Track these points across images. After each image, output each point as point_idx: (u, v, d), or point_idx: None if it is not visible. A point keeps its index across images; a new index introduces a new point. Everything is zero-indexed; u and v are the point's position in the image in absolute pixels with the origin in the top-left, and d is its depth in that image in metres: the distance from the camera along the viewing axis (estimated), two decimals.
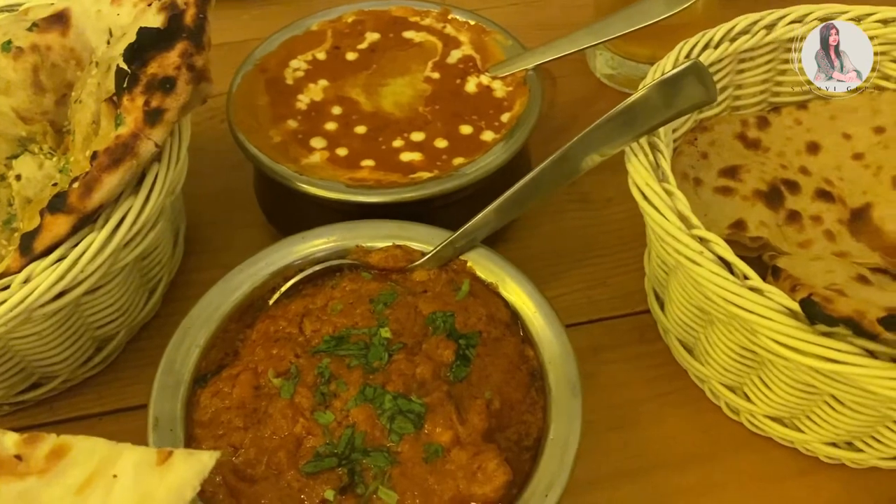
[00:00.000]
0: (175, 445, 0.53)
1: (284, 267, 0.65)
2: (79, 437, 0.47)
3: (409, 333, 0.58)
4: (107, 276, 0.63)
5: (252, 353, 0.59)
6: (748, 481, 0.66)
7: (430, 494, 0.52)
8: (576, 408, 0.55)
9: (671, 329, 0.70)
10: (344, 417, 0.54)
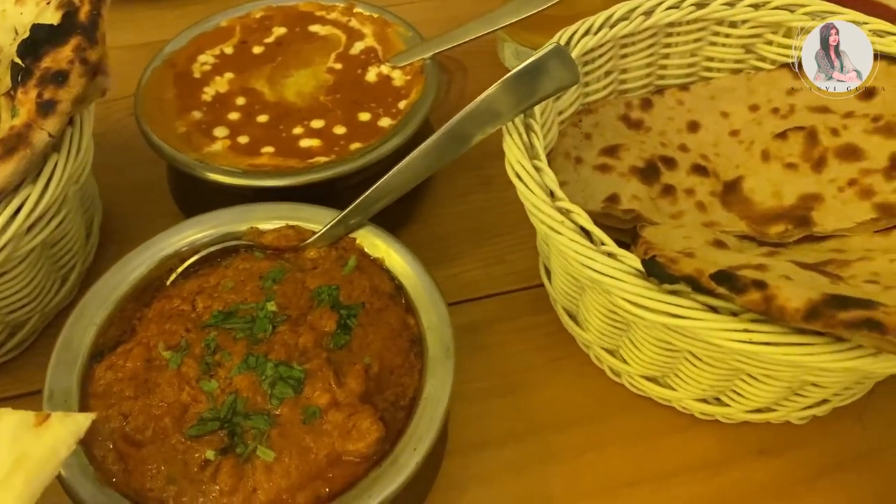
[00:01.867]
0: None
1: (180, 249, 0.68)
2: None
3: (295, 307, 0.62)
4: (10, 261, 0.66)
5: (147, 330, 0.62)
6: (629, 439, 0.70)
7: (307, 452, 0.55)
8: (448, 368, 0.59)
9: (558, 299, 0.75)
10: (228, 385, 0.58)
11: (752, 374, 0.62)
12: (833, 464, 0.69)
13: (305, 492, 0.54)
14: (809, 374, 0.58)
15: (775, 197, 0.73)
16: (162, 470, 0.55)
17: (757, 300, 0.52)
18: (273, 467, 0.54)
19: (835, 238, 0.70)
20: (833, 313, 0.50)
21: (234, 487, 0.54)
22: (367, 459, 0.56)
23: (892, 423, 0.71)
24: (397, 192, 0.68)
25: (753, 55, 0.82)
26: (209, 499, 0.54)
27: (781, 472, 0.68)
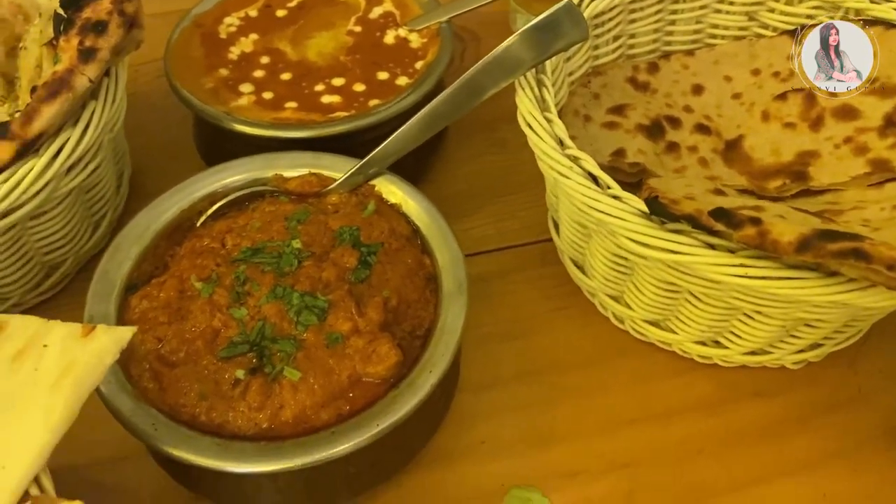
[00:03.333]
0: None
1: (210, 193, 0.72)
2: (14, 315, 0.54)
3: (319, 245, 0.66)
4: (50, 202, 0.70)
5: (178, 265, 0.66)
6: (630, 382, 0.74)
7: (330, 373, 0.59)
8: (462, 302, 0.63)
9: (565, 250, 0.78)
10: (256, 312, 0.61)
11: (749, 312, 0.65)
12: (826, 406, 0.72)
13: (328, 409, 0.58)
14: (802, 310, 0.61)
15: (774, 154, 0.77)
16: (195, 387, 0.59)
17: (752, 235, 0.56)
18: (299, 386, 0.58)
19: (830, 192, 0.74)
20: (822, 245, 0.53)
21: (262, 404, 0.58)
22: (386, 382, 0.60)
23: (884, 368, 0.74)
24: (415, 142, 0.72)
25: (756, 22, 0.85)
26: (238, 414, 0.58)
27: (776, 413, 0.72)
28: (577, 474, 0.68)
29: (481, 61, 0.68)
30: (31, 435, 0.49)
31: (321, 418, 0.58)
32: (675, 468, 0.69)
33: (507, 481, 0.68)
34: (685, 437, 0.71)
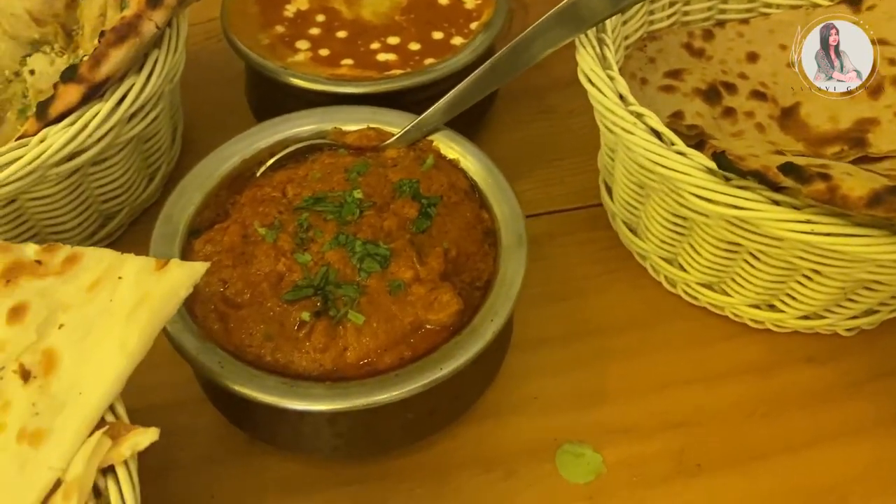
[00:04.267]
0: None
1: (271, 144, 0.72)
2: (89, 248, 0.55)
3: (379, 196, 0.66)
4: (112, 148, 0.70)
5: (240, 212, 0.67)
6: (681, 344, 0.74)
7: (393, 318, 0.60)
8: (521, 255, 0.63)
9: (618, 213, 0.78)
10: (320, 258, 0.62)
11: (808, 273, 0.65)
12: (879, 373, 0.72)
13: (391, 353, 0.59)
14: (865, 270, 0.61)
15: (831, 121, 0.77)
16: (260, 328, 0.59)
17: (822, 190, 0.56)
18: (363, 330, 0.59)
19: (889, 159, 0.73)
20: (894, 200, 0.53)
21: (327, 346, 0.58)
22: (447, 329, 0.60)
23: None
24: (472, 98, 0.73)
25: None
26: (303, 355, 0.58)
27: (828, 378, 0.72)
28: (628, 431, 0.69)
29: (554, 9, 0.68)
30: (108, 362, 0.50)
31: (384, 362, 0.59)
32: (727, 429, 0.69)
33: (559, 436, 0.68)
34: (737, 400, 0.71)
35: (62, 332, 0.51)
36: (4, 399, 0.50)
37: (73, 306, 0.52)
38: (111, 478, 0.48)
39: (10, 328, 0.52)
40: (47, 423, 0.49)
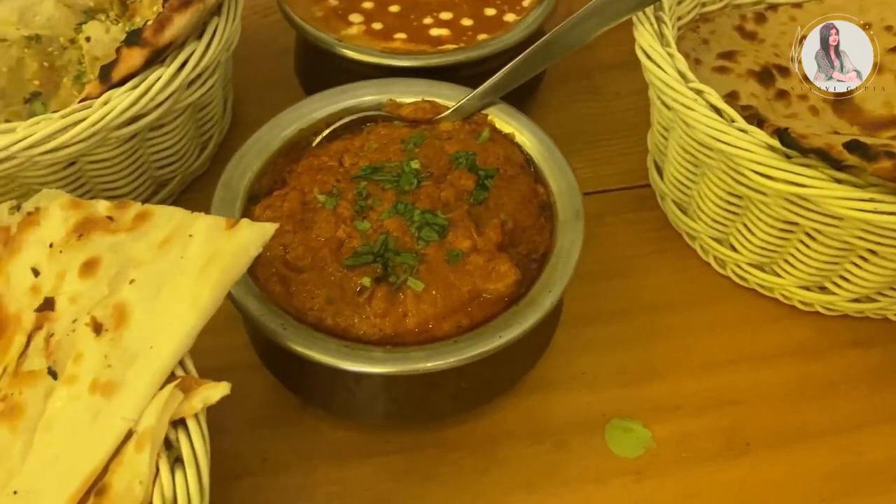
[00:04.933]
0: None
1: (327, 115, 0.73)
2: (159, 206, 0.55)
3: (436, 167, 0.67)
4: (170, 114, 0.71)
5: (298, 180, 0.67)
6: (730, 324, 0.75)
7: (451, 287, 0.60)
8: (578, 228, 0.64)
9: (668, 193, 0.78)
10: (379, 226, 0.62)
11: (864, 254, 0.65)
12: None
13: (449, 321, 0.59)
14: None
15: (886, 106, 0.76)
16: (321, 293, 0.60)
17: (888, 167, 0.55)
18: (422, 296, 0.59)
19: None
20: None
21: (387, 311, 0.59)
22: (504, 299, 0.61)
23: None
24: (527, 74, 0.73)
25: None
26: (363, 319, 0.59)
27: (876, 362, 0.72)
28: (677, 408, 0.69)
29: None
30: (179, 317, 0.50)
31: (442, 328, 0.59)
32: (776, 409, 0.69)
33: (607, 411, 0.68)
34: (785, 380, 0.71)
35: (133, 287, 0.52)
36: (77, 351, 0.51)
37: (144, 262, 0.52)
38: (182, 430, 0.49)
39: (83, 282, 0.52)
40: (119, 375, 0.49)
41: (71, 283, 0.52)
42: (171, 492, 0.46)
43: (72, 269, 0.53)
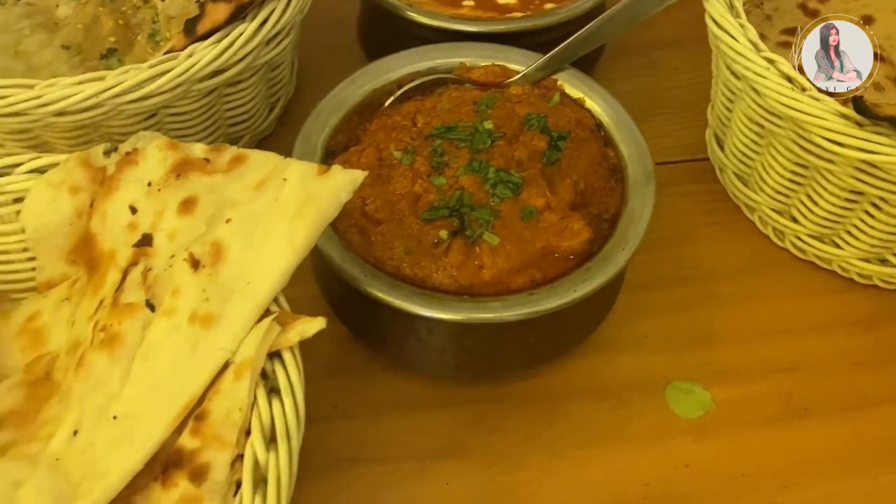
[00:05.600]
0: None
1: (399, 76, 0.74)
2: (254, 150, 0.57)
3: (508, 128, 0.68)
4: (248, 70, 0.73)
5: (374, 137, 0.69)
6: (787, 295, 0.76)
7: (525, 242, 0.62)
8: (650, 191, 0.65)
9: (728, 165, 0.80)
10: (454, 182, 0.64)
11: None
12: None
13: (523, 275, 0.61)
14: None
15: None
16: (399, 244, 0.62)
17: None
18: (497, 250, 0.61)
19: None
20: None
21: (463, 263, 0.61)
22: (576, 257, 0.62)
23: None
24: (595, 43, 0.75)
25: None
26: (440, 270, 0.61)
27: None
28: (736, 373, 0.70)
29: None
30: (276, 255, 0.52)
31: (516, 282, 0.61)
32: (834, 376, 0.70)
33: (668, 374, 0.70)
34: (843, 350, 0.72)
35: (230, 225, 0.54)
36: (174, 285, 0.53)
37: (240, 203, 0.54)
38: (277, 363, 0.51)
39: (181, 219, 0.54)
40: (217, 309, 0.51)
41: (169, 220, 0.54)
42: (268, 419, 0.48)
43: (170, 206, 0.54)
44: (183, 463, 0.47)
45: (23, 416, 0.54)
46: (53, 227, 0.58)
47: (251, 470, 0.46)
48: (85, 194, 0.58)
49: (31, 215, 0.58)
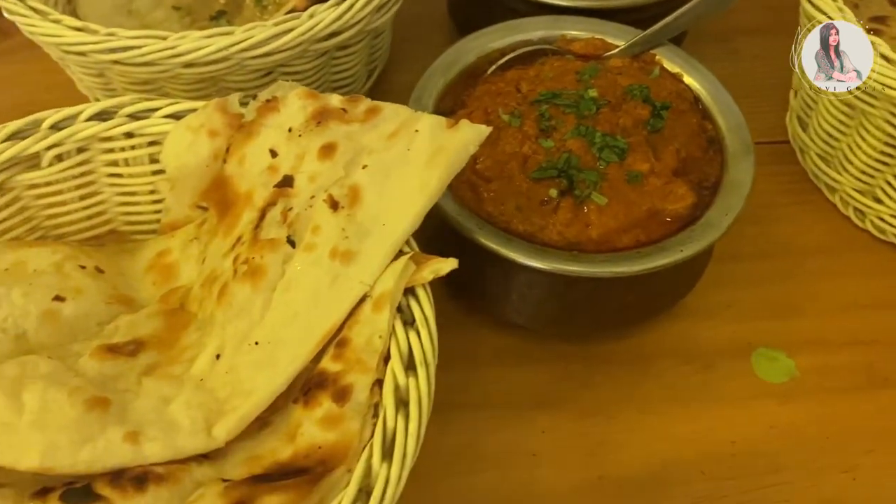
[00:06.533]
0: None
1: (503, 46, 0.78)
2: (387, 103, 0.60)
3: (612, 96, 0.71)
4: (359, 35, 0.76)
5: (480, 101, 0.72)
6: (867, 273, 0.78)
7: (631, 205, 0.64)
8: (750, 161, 0.68)
9: (812, 146, 0.82)
10: (562, 145, 0.67)
11: None
12: None
13: (629, 235, 0.64)
14: None
15: None
16: (510, 200, 0.65)
17: None
18: (604, 210, 0.64)
19: None
20: None
21: (571, 221, 0.64)
22: (679, 220, 0.65)
23: None
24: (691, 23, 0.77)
25: None
26: (550, 227, 0.64)
27: None
28: (819, 343, 0.73)
29: None
30: (409, 200, 0.55)
31: (622, 241, 0.64)
32: None
33: (753, 341, 0.73)
34: None
35: (366, 171, 0.57)
36: (314, 223, 0.56)
37: (375, 151, 0.57)
38: (412, 298, 0.54)
39: (321, 163, 0.58)
40: (356, 246, 0.55)
41: (310, 163, 0.58)
42: (406, 347, 0.52)
43: (311, 151, 0.58)
44: (327, 384, 0.51)
45: (163, 341, 0.58)
46: (191, 168, 0.62)
47: (392, 392, 0.49)
48: (221, 139, 0.61)
49: (172, 156, 0.62)
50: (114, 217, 0.69)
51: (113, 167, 0.66)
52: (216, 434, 0.51)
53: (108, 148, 0.64)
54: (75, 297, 0.59)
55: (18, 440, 0.49)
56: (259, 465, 0.50)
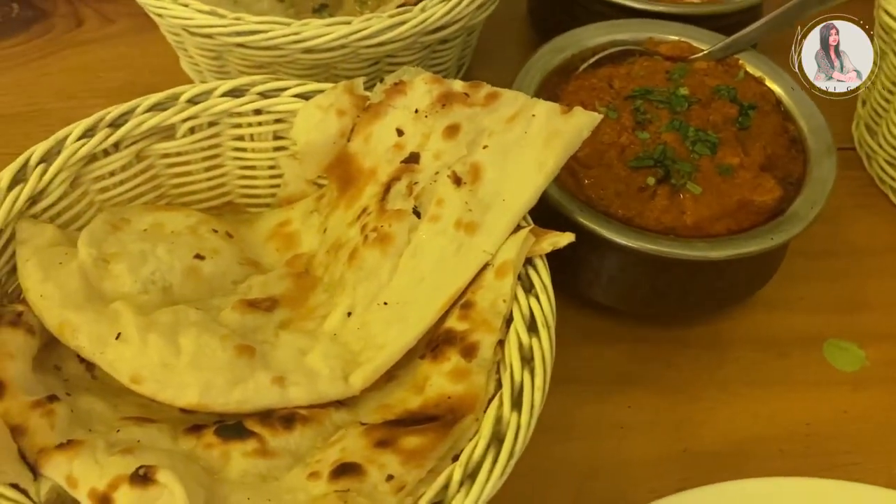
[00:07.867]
0: None
1: (595, 45, 0.82)
2: (506, 89, 0.65)
3: (701, 95, 0.75)
4: (461, 31, 0.81)
5: (575, 96, 0.77)
6: None
7: (723, 195, 0.69)
8: (832, 161, 0.72)
9: (880, 152, 0.86)
10: (657, 137, 0.71)
11: None
12: None
13: (721, 223, 0.68)
14: None
15: None
16: (610, 186, 0.69)
17: None
18: (699, 199, 0.68)
19: None
20: None
21: (667, 208, 0.68)
22: (766, 212, 0.69)
23: None
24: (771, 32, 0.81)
25: None
26: (646, 212, 0.68)
27: None
28: (888, 336, 0.77)
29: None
30: (527, 178, 0.60)
31: (715, 229, 0.68)
32: None
33: (825, 332, 0.77)
34: None
35: (486, 151, 0.62)
36: (439, 196, 0.61)
37: (495, 132, 0.62)
38: (530, 267, 0.58)
39: (446, 142, 0.62)
40: (478, 218, 0.59)
41: (435, 142, 0.62)
42: (528, 311, 0.56)
43: (436, 131, 0.63)
44: (455, 341, 0.55)
45: (294, 300, 0.62)
46: (319, 144, 0.66)
47: (517, 350, 0.54)
48: (348, 118, 0.66)
49: (302, 132, 0.67)
50: (232, 189, 0.74)
51: (238, 141, 0.71)
52: (353, 382, 0.55)
53: (237, 123, 0.69)
54: (213, 257, 0.64)
55: (178, 379, 0.53)
56: (391, 413, 0.55)
